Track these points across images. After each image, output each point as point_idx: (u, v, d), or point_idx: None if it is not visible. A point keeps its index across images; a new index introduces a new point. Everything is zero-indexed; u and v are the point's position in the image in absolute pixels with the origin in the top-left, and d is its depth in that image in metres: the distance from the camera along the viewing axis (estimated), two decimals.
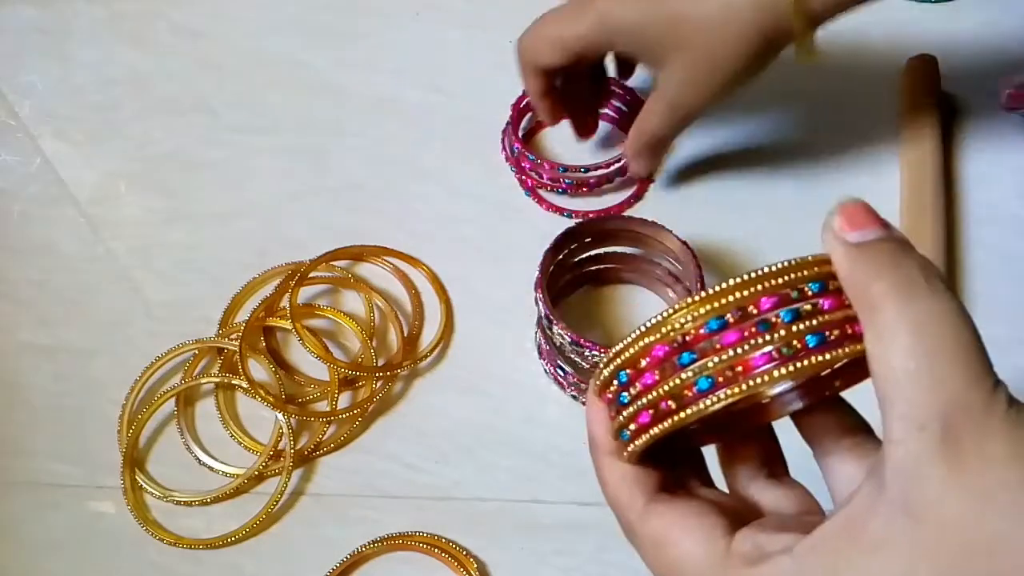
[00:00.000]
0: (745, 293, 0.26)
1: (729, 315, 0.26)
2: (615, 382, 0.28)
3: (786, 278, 0.26)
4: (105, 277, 0.58)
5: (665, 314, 0.27)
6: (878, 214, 0.27)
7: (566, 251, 0.52)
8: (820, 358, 0.25)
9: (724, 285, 0.26)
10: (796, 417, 0.31)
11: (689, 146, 0.61)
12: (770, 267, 0.26)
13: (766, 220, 0.57)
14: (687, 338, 0.26)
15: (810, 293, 0.26)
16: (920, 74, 0.60)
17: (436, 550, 0.47)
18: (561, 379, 0.52)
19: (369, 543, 0.48)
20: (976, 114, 0.61)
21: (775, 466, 0.31)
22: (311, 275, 0.55)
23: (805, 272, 0.26)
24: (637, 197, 0.59)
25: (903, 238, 0.26)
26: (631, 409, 0.28)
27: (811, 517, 0.29)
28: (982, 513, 0.23)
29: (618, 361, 0.28)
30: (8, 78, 0.66)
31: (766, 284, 0.26)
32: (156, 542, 0.49)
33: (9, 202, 0.61)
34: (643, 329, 0.27)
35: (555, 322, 0.48)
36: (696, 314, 0.26)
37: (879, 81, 0.62)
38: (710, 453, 0.32)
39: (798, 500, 0.30)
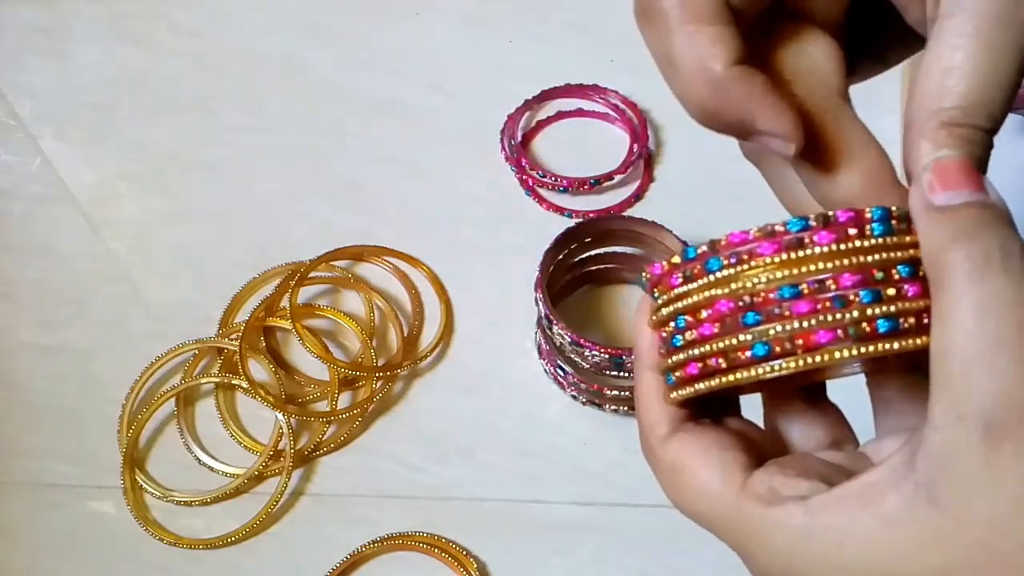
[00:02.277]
0: (828, 265, 0.24)
1: (805, 285, 0.24)
2: (672, 323, 0.27)
3: (877, 257, 0.24)
4: (105, 277, 0.58)
5: (738, 268, 0.25)
6: (976, 174, 0.24)
7: (566, 251, 0.52)
8: (887, 346, 0.24)
9: (806, 252, 0.24)
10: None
11: (689, 146, 0.61)
12: (862, 240, 0.24)
13: (766, 220, 0.57)
14: (755, 299, 0.25)
15: (896, 277, 0.24)
16: None
17: (436, 550, 0.47)
18: (561, 379, 0.52)
19: (369, 543, 0.48)
20: None
21: (813, 387, 0.29)
22: (311, 275, 0.55)
23: (898, 253, 0.24)
24: (637, 197, 0.59)
25: (997, 205, 0.24)
26: (681, 356, 0.26)
27: (836, 458, 0.27)
28: (1010, 520, 0.22)
29: (679, 304, 0.26)
30: (8, 78, 0.66)
31: (854, 260, 0.24)
32: (156, 542, 0.49)
33: (9, 202, 0.61)
34: (711, 279, 0.26)
35: (555, 322, 0.48)
36: (772, 277, 0.25)
37: (879, 81, 0.62)
38: None
39: (830, 426, 0.29)
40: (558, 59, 0.65)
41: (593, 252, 0.54)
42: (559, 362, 0.50)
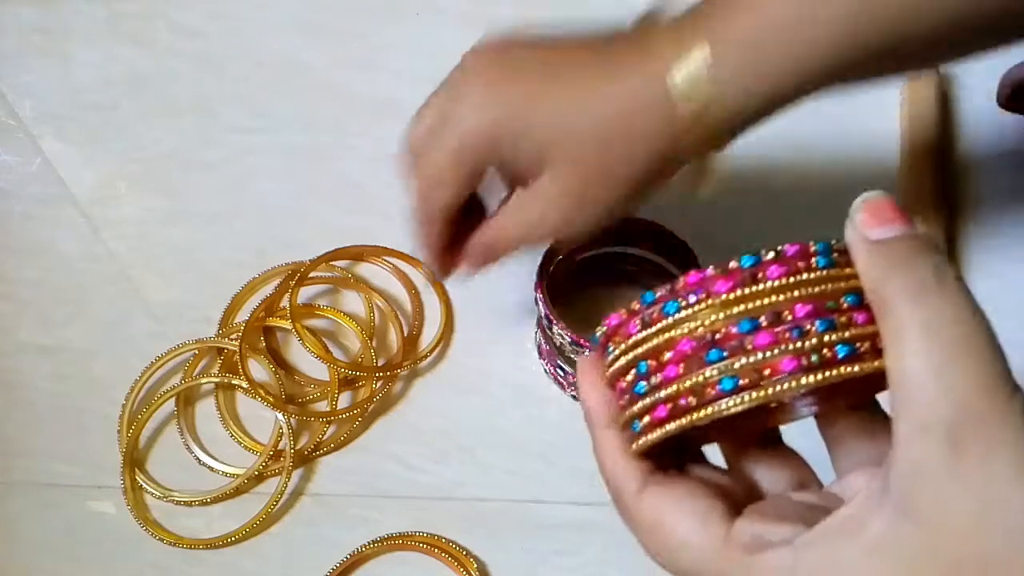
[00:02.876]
0: (782, 297, 0.26)
1: (763, 317, 0.26)
2: (633, 371, 0.28)
3: (825, 287, 0.26)
4: (105, 277, 0.58)
5: (695, 308, 0.26)
6: (901, 210, 0.26)
7: (566, 251, 0.52)
8: (849, 369, 0.25)
9: (760, 287, 0.26)
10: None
11: None
12: (810, 272, 0.26)
13: (766, 220, 0.57)
14: (716, 335, 0.26)
15: (845, 306, 0.26)
16: (920, 74, 0.60)
17: (436, 550, 0.47)
18: (561, 379, 0.52)
19: (369, 543, 0.48)
20: (976, 114, 0.61)
21: (769, 435, 0.31)
22: (311, 275, 0.55)
23: (843, 284, 0.26)
24: None
25: (926, 236, 0.26)
26: (647, 401, 0.27)
27: (809, 499, 0.28)
28: (979, 528, 0.22)
29: (639, 350, 0.27)
30: (8, 78, 0.66)
31: (804, 291, 0.26)
32: (156, 542, 0.49)
33: (9, 202, 0.61)
34: (670, 321, 0.26)
35: (555, 322, 0.48)
36: (730, 312, 0.26)
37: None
38: None
39: (792, 469, 0.30)
40: None
41: (593, 252, 0.54)
42: (559, 362, 0.50)
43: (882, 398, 0.27)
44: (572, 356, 0.49)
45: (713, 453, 0.31)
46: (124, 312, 0.56)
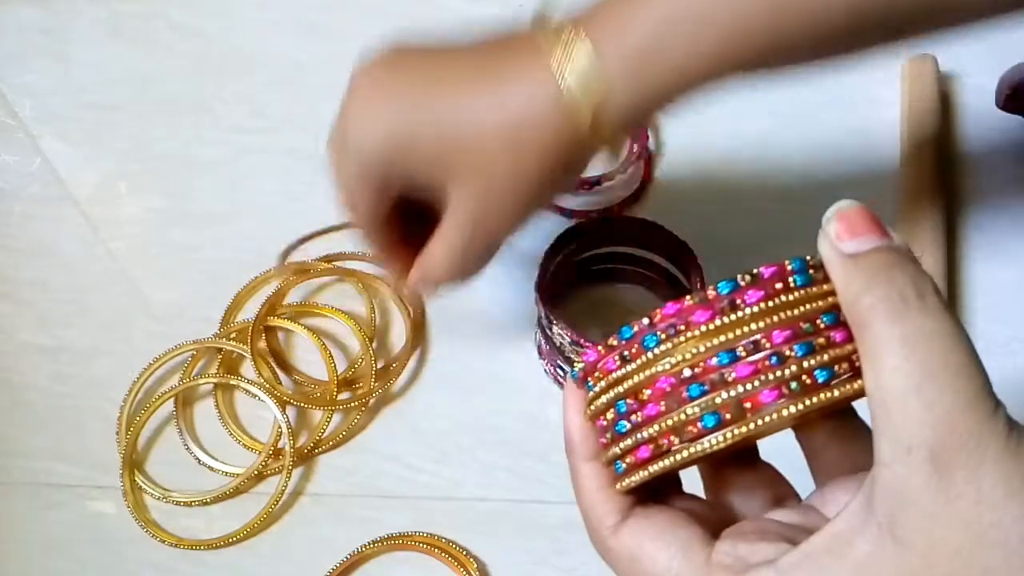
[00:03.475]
0: (761, 324, 0.25)
1: (740, 347, 0.25)
2: (612, 411, 0.27)
3: (803, 308, 0.25)
4: (105, 277, 0.58)
5: (674, 341, 0.26)
6: (878, 220, 0.25)
7: (566, 251, 0.52)
8: (829, 395, 0.25)
9: (739, 314, 0.25)
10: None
11: (689, 146, 0.61)
12: (787, 294, 0.25)
13: (766, 220, 0.57)
14: (696, 370, 0.25)
15: (822, 326, 0.25)
16: (920, 74, 0.60)
17: (436, 550, 0.47)
18: (561, 379, 0.52)
19: (369, 543, 0.48)
20: (976, 114, 0.61)
21: (747, 451, 0.30)
22: (311, 274, 0.55)
23: (820, 303, 0.25)
24: (637, 197, 0.59)
25: (902, 248, 0.25)
26: (629, 441, 0.27)
27: (788, 517, 0.28)
28: (971, 548, 0.22)
29: (619, 389, 0.27)
30: (8, 78, 0.66)
31: (782, 315, 0.25)
32: (156, 542, 0.49)
33: (9, 202, 0.61)
34: (649, 356, 0.26)
35: (555, 322, 0.48)
36: (708, 344, 0.25)
37: (879, 80, 0.62)
38: None
39: (770, 485, 0.29)
40: None
41: (593, 252, 0.54)
42: (559, 362, 0.50)
43: (859, 404, 0.27)
44: (572, 356, 0.49)
45: (691, 479, 0.31)
46: (124, 312, 0.56)
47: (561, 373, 0.51)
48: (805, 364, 0.25)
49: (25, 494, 0.50)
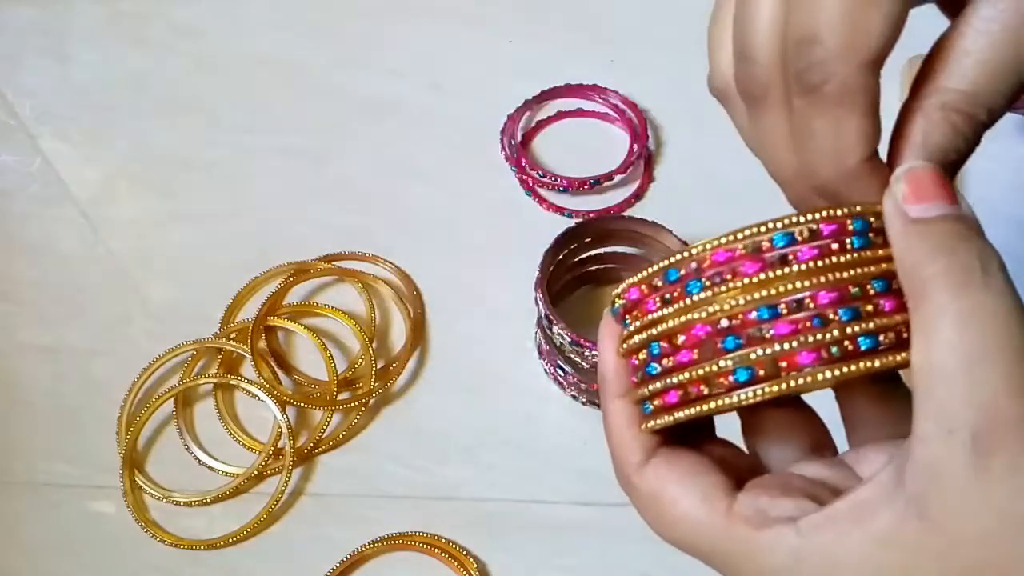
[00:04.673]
0: (807, 283, 0.24)
1: (783, 304, 0.24)
2: (645, 351, 0.26)
3: (854, 272, 0.24)
4: (105, 277, 0.58)
5: (718, 290, 0.25)
6: (949, 185, 0.24)
7: (566, 251, 0.52)
8: (869, 364, 0.24)
9: (785, 271, 0.24)
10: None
11: (689, 146, 0.61)
12: (841, 255, 0.24)
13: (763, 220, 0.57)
14: (733, 321, 0.24)
15: (872, 292, 0.24)
16: None
17: (436, 550, 0.47)
18: (561, 379, 0.52)
19: (369, 543, 0.48)
20: None
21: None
22: (312, 274, 0.55)
23: (872, 268, 0.24)
24: (637, 197, 0.59)
25: (970, 218, 0.24)
26: (658, 385, 0.26)
27: (817, 472, 0.27)
28: (1001, 536, 0.22)
29: (653, 331, 0.26)
30: (8, 78, 0.66)
31: (830, 276, 0.24)
32: (156, 542, 0.49)
33: (9, 202, 0.61)
34: (689, 302, 0.25)
35: (555, 322, 0.48)
36: (749, 298, 0.24)
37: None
38: None
39: (809, 430, 0.28)
40: (558, 59, 0.65)
41: (593, 252, 0.54)
42: (559, 362, 0.50)
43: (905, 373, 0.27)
44: (572, 356, 0.49)
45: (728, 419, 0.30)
46: (124, 312, 0.56)
47: (561, 373, 0.51)
48: (848, 330, 0.24)
49: (25, 494, 0.50)
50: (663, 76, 0.63)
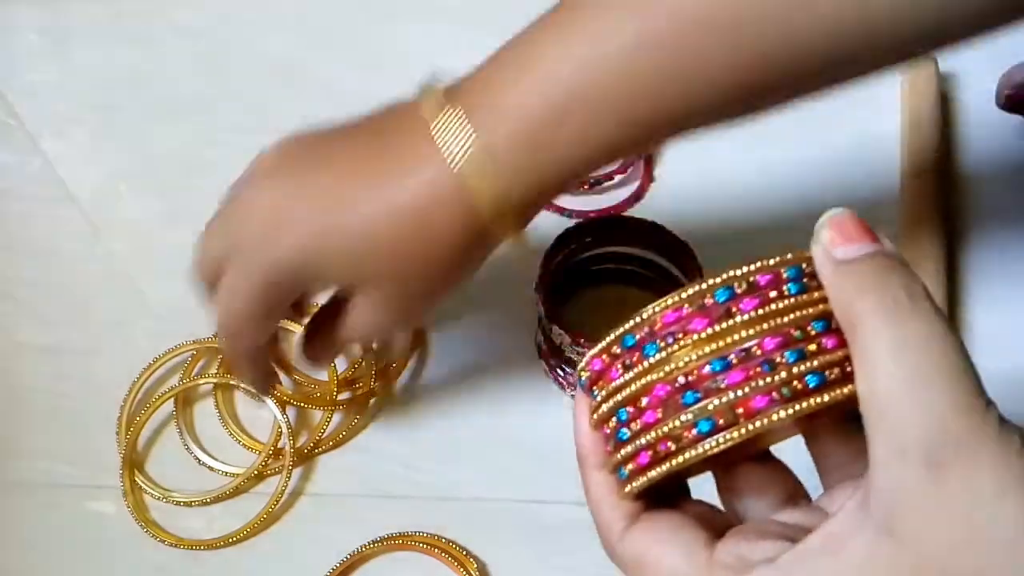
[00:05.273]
0: (753, 331, 0.26)
1: (732, 355, 0.26)
2: (614, 419, 0.28)
3: (794, 315, 0.26)
4: (105, 277, 0.58)
5: (672, 349, 0.27)
6: (868, 227, 0.26)
7: (566, 251, 0.52)
8: (819, 399, 0.25)
9: (729, 323, 0.26)
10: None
11: (689, 146, 0.61)
12: (781, 301, 0.26)
13: (766, 220, 0.57)
14: (690, 378, 0.26)
15: (813, 332, 0.26)
16: (920, 74, 0.60)
17: (436, 550, 0.47)
18: (561, 379, 0.52)
19: (369, 543, 0.48)
20: (976, 114, 0.61)
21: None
22: None
23: (810, 310, 0.26)
24: (637, 197, 0.59)
25: (893, 254, 0.26)
26: (630, 448, 0.27)
27: (792, 518, 0.28)
28: (966, 545, 0.23)
29: (618, 397, 0.28)
30: (8, 78, 0.66)
31: (772, 323, 0.26)
32: (156, 542, 0.49)
33: (9, 202, 0.61)
34: (647, 364, 0.27)
35: (555, 322, 0.48)
36: (701, 352, 0.26)
37: (878, 81, 0.62)
38: None
39: (781, 483, 0.30)
40: None
41: (593, 252, 0.54)
42: (559, 362, 0.50)
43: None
44: (572, 356, 0.49)
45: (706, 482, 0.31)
46: (124, 312, 0.56)
47: (561, 373, 0.51)
48: (795, 370, 0.25)
49: (25, 494, 0.50)
50: None
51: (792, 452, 0.30)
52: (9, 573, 0.48)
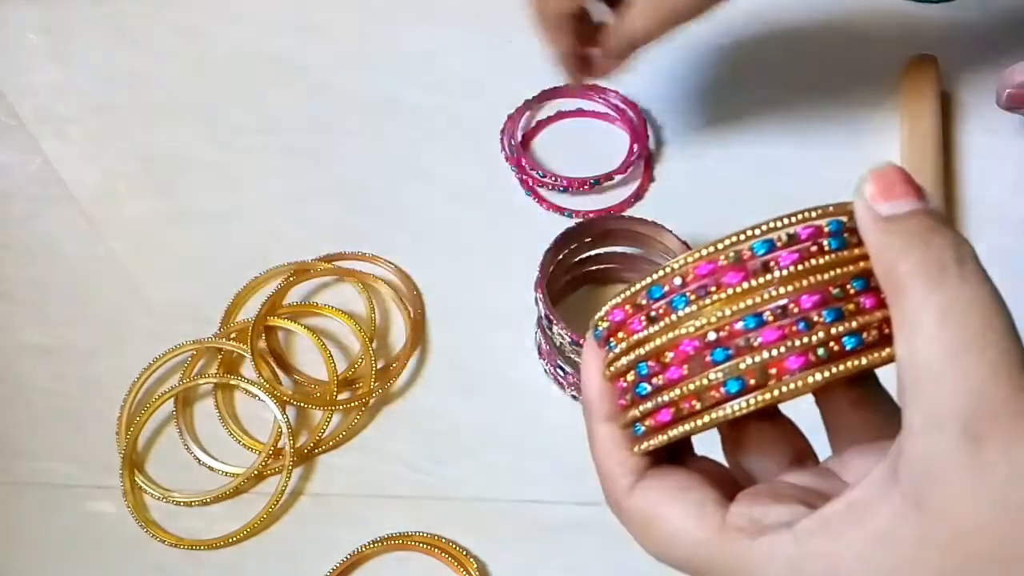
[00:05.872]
0: (789, 288, 0.24)
1: (768, 312, 0.24)
2: (633, 373, 0.26)
3: (834, 273, 0.24)
4: (105, 277, 0.58)
5: (703, 303, 0.25)
6: (915, 182, 0.24)
7: (566, 251, 0.52)
8: (856, 362, 0.24)
9: (765, 278, 0.24)
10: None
11: (689, 146, 0.61)
12: (821, 257, 0.24)
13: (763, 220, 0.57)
14: (720, 334, 0.24)
15: (852, 291, 0.24)
16: (920, 74, 0.60)
17: (436, 550, 0.47)
18: (561, 379, 0.52)
19: (369, 543, 0.48)
20: (976, 114, 0.61)
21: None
22: (312, 274, 0.55)
23: (852, 267, 0.24)
24: (637, 197, 0.59)
25: (939, 212, 0.24)
26: (649, 404, 0.26)
27: (805, 480, 0.27)
28: (1000, 523, 0.21)
29: (640, 351, 0.26)
30: (8, 78, 0.66)
31: (813, 279, 0.24)
32: (156, 543, 0.49)
33: (9, 202, 0.61)
34: (675, 317, 0.25)
35: (555, 322, 0.48)
36: (735, 308, 0.24)
37: (879, 81, 0.62)
38: None
39: (790, 441, 0.28)
40: None
41: (593, 252, 0.54)
42: (559, 362, 0.50)
43: (881, 373, 0.27)
44: (572, 356, 0.49)
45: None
46: (124, 312, 0.56)
47: (561, 373, 0.51)
48: (833, 331, 0.24)
49: (25, 494, 0.50)
50: (663, 76, 0.63)
51: (794, 411, 0.29)
52: (9, 573, 0.48)
